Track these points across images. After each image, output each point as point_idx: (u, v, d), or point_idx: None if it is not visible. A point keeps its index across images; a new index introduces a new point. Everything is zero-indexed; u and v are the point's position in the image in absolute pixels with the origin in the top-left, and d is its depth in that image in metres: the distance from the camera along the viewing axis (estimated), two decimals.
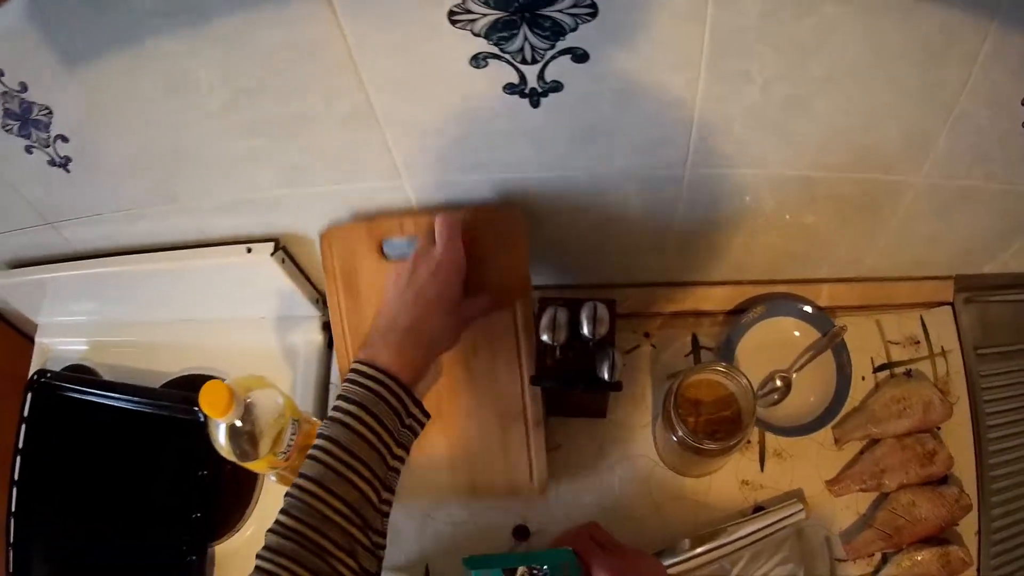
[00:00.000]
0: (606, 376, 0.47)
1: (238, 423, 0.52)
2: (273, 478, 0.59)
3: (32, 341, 0.86)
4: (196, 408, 0.66)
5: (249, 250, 0.58)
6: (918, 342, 0.68)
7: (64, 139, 0.55)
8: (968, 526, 0.69)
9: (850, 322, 0.65)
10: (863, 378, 0.65)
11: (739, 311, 0.63)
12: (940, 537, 0.68)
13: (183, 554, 0.64)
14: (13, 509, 0.82)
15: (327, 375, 0.64)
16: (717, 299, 0.62)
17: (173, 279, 0.64)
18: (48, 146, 0.56)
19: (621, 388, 0.50)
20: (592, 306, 0.48)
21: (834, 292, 0.65)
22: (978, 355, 0.72)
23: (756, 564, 0.62)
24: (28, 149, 0.56)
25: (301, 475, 0.39)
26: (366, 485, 0.39)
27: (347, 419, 0.39)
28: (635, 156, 0.50)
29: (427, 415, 0.44)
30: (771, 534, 0.62)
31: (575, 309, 0.49)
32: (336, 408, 0.40)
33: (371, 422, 0.39)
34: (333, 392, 0.64)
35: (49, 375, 0.78)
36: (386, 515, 0.41)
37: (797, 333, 0.63)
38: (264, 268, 0.58)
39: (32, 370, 0.82)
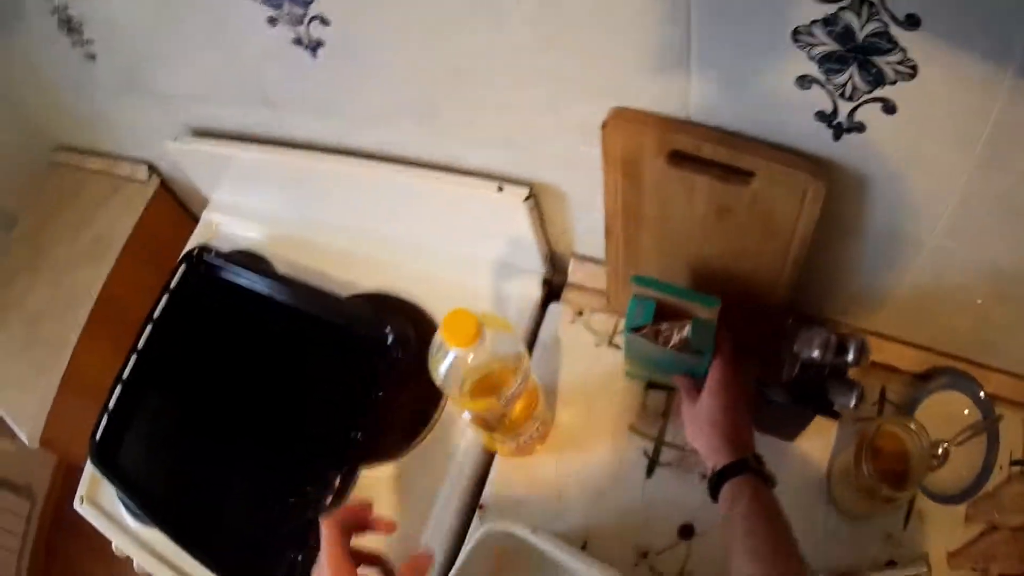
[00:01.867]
0: (844, 404, 0.49)
1: (470, 359, 0.50)
2: (467, 416, 0.57)
3: (195, 220, 0.81)
4: (387, 328, 0.65)
5: (500, 189, 0.57)
6: None
7: (324, 22, 0.53)
8: None
9: (1004, 414, 0.69)
10: (1000, 467, 0.69)
11: (925, 376, 0.67)
12: None
13: (329, 469, 0.62)
14: (124, 376, 0.79)
15: (535, 332, 0.64)
16: (909, 360, 0.66)
17: (396, 193, 0.62)
18: (300, 24, 0.54)
19: (838, 417, 0.52)
20: (861, 340, 0.49)
21: (1000, 383, 0.69)
22: None
23: None
24: (271, 21, 0.53)
25: None
26: None
27: None
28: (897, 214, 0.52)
29: None
30: None
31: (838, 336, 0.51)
32: None
33: None
34: (539, 350, 0.63)
35: (213, 252, 0.75)
36: None
37: (967, 412, 0.67)
38: (509, 211, 0.58)
39: (191, 245, 0.77)
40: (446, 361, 0.50)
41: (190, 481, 0.71)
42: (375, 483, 0.64)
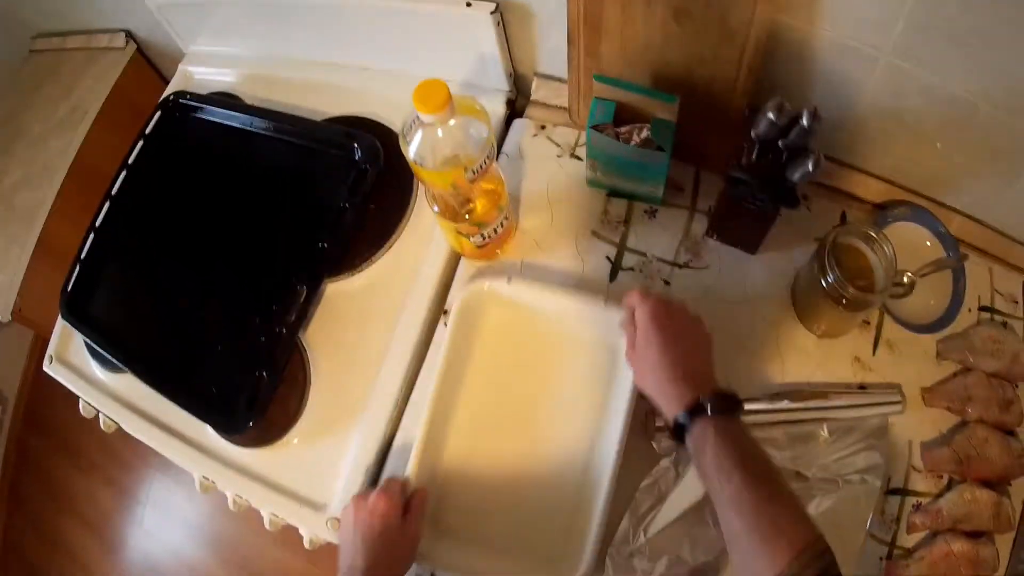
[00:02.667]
0: (804, 173, 0.50)
1: (439, 133, 0.50)
2: (436, 209, 0.57)
3: (166, 82, 0.84)
4: (355, 144, 0.66)
5: (469, 4, 0.59)
6: (1016, 302, 0.73)
7: None
8: (1017, 491, 0.73)
9: (968, 261, 0.70)
10: (969, 310, 0.69)
11: (884, 207, 0.67)
12: (999, 486, 0.73)
13: (294, 281, 0.62)
14: (97, 224, 0.80)
15: (500, 147, 0.64)
16: (871, 190, 0.66)
17: (366, 19, 0.64)
18: None
19: (797, 205, 0.53)
20: (813, 105, 0.51)
21: (963, 226, 0.70)
22: None
23: (846, 439, 0.65)
24: None
25: None
26: None
27: None
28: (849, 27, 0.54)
29: None
30: (866, 417, 0.65)
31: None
32: None
33: None
34: (503, 162, 0.63)
35: (189, 95, 0.77)
36: None
37: (928, 244, 0.67)
38: (476, 26, 0.60)
39: (167, 95, 0.80)
40: (417, 134, 0.51)
41: (161, 319, 0.70)
42: (342, 295, 0.64)
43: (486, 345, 0.60)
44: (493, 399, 0.60)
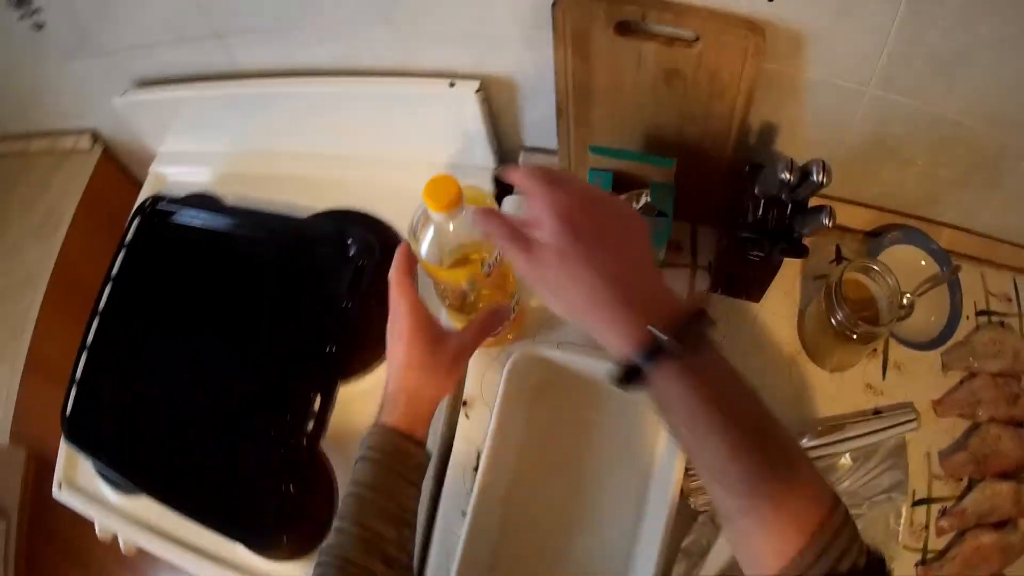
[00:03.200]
0: (818, 225, 0.50)
1: (450, 227, 0.49)
2: (446, 303, 0.56)
3: (141, 185, 0.82)
4: (348, 240, 0.65)
5: (452, 84, 0.59)
6: (1010, 300, 0.76)
7: None
8: None
9: (961, 265, 0.72)
10: (967, 317, 0.71)
11: (875, 234, 0.69)
12: (1016, 475, 0.75)
13: (308, 390, 0.61)
14: (88, 342, 0.77)
15: None
16: (861, 219, 0.68)
17: (343, 106, 0.63)
18: None
19: (807, 254, 0.54)
20: (822, 160, 0.51)
21: (952, 237, 0.72)
22: None
23: (867, 464, 0.67)
24: None
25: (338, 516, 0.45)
26: (384, 521, 0.44)
27: (366, 472, 0.46)
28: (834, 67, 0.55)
29: (424, 448, 0.49)
30: (884, 439, 0.67)
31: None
32: (355, 465, 0.47)
33: (383, 470, 0.46)
34: None
35: (166, 199, 0.74)
36: (407, 548, 0.46)
37: (923, 263, 0.69)
38: (460, 105, 0.59)
39: (141, 199, 0.77)
40: (428, 231, 0.50)
41: (170, 436, 0.68)
42: (355, 398, 0.63)
43: (530, 412, 0.60)
44: (543, 467, 0.60)
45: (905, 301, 0.72)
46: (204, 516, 0.64)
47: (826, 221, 0.50)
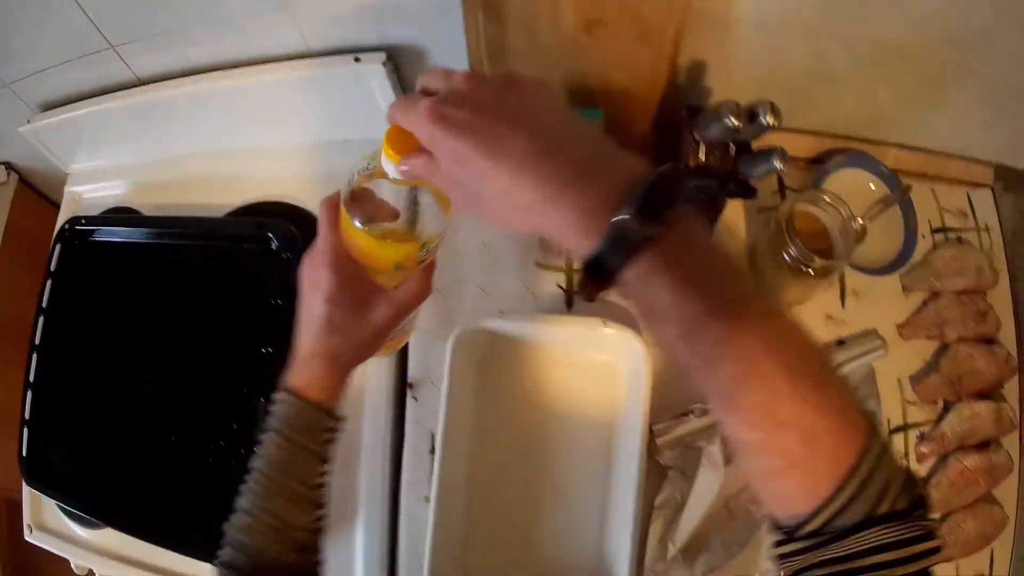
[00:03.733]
0: (770, 169, 0.49)
1: (396, 195, 0.42)
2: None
3: (58, 207, 0.80)
4: (269, 233, 0.63)
5: (358, 59, 0.56)
6: (965, 215, 0.74)
7: None
8: (1012, 392, 0.75)
9: (911, 184, 0.70)
10: (923, 236, 0.70)
11: (819, 160, 0.67)
12: (994, 394, 0.74)
13: (248, 392, 0.59)
14: (31, 379, 0.75)
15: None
16: (802, 146, 0.66)
17: (247, 96, 0.60)
18: None
19: (755, 195, 0.52)
20: (769, 101, 0.49)
21: (899, 157, 0.70)
22: (1014, 237, 0.80)
23: None
24: None
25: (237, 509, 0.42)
26: (294, 506, 0.41)
27: (270, 447, 0.42)
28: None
29: (340, 420, 0.44)
30: (852, 370, 0.65)
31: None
32: (259, 438, 0.43)
33: (290, 443, 0.42)
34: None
35: (84, 220, 0.71)
36: (319, 531, 0.43)
37: (872, 186, 0.68)
38: (368, 80, 0.56)
39: (60, 223, 0.75)
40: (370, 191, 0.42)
41: (122, 462, 0.66)
42: None
43: (484, 386, 0.58)
44: (502, 442, 0.58)
45: (856, 226, 0.71)
46: (167, 540, 0.62)
47: (778, 164, 0.48)
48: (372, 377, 0.60)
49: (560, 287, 0.59)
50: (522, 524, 0.57)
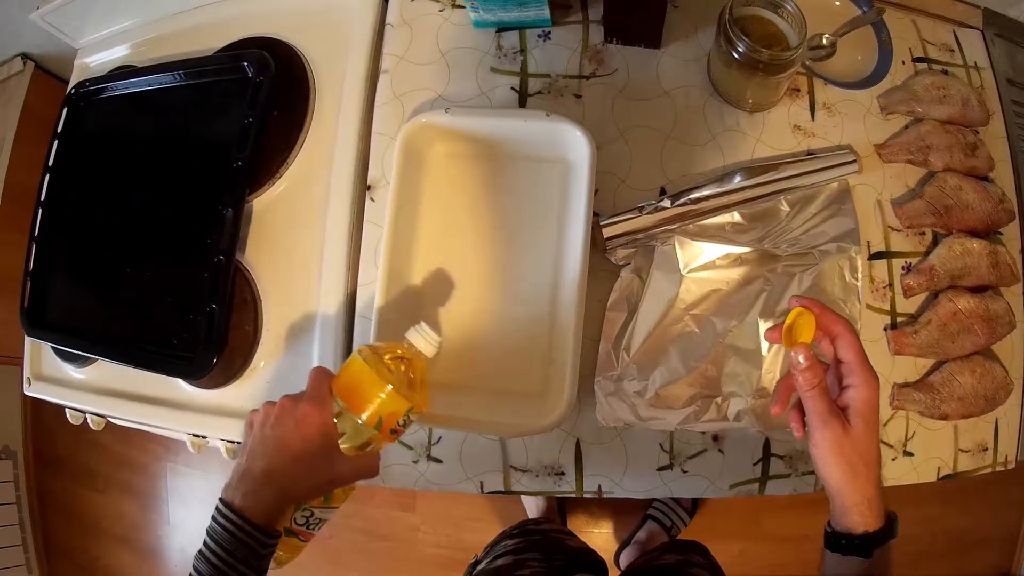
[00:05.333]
0: None
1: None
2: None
3: None
4: (244, 63, 0.66)
5: None
6: (952, 51, 0.71)
7: None
8: (1012, 243, 0.70)
9: (888, 17, 0.67)
10: (903, 63, 0.67)
11: None
12: (989, 235, 0.69)
13: (220, 207, 0.61)
14: (36, 233, 0.80)
15: (383, 20, 0.64)
16: None
17: None
18: None
19: None
20: None
21: None
22: (1010, 84, 0.75)
23: (808, 209, 0.62)
24: None
25: None
26: None
27: (211, 556, 0.45)
28: None
29: (277, 537, 0.47)
30: (823, 183, 0.62)
31: None
32: (204, 543, 0.46)
33: (231, 560, 0.45)
34: (390, 33, 0.63)
35: (88, 82, 0.77)
36: None
37: (838, 3, 0.65)
38: None
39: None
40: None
41: (112, 295, 0.70)
42: (269, 207, 0.64)
43: (434, 184, 0.58)
44: (450, 239, 0.58)
45: (825, 41, 0.69)
46: (145, 360, 0.65)
47: None
48: (334, 182, 0.61)
49: (513, 89, 0.60)
50: (473, 316, 0.57)
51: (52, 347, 0.76)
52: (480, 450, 0.57)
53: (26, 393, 0.82)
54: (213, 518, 0.46)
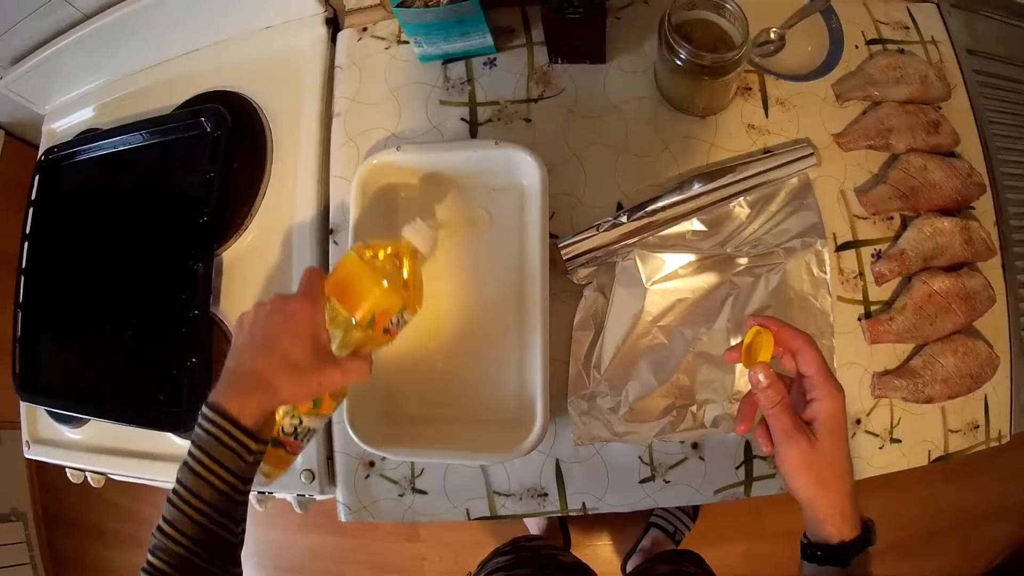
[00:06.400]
0: None
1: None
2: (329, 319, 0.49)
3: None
4: (202, 118, 0.67)
5: None
6: (907, 28, 0.70)
7: None
8: (986, 216, 0.69)
9: (836, 2, 0.66)
10: (856, 47, 0.66)
11: None
12: (961, 212, 0.68)
13: (191, 264, 0.62)
14: (20, 300, 0.82)
15: (332, 64, 0.65)
16: None
17: (176, 7, 0.66)
18: None
19: (604, 8, 0.51)
20: None
21: None
22: (970, 54, 0.74)
23: (769, 207, 0.62)
24: None
25: (162, 518, 0.42)
26: (214, 525, 0.42)
27: (195, 465, 0.43)
28: None
29: (265, 444, 0.45)
30: (782, 179, 0.62)
31: None
32: (188, 453, 0.43)
33: (214, 467, 0.42)
34: (340, 75, 0.63)
35: (56, 148, 0.79)
36: (238, 545, 0.44)
37: None
38: None
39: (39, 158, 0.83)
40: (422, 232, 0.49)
41: (97, 355, 0.72)
42: (239, 258, 0.65)
43: (393, 223, 0.58)
44: None
45: (772, 35, 0.68)
46: (135, 417, 0.67)
47: None
48: (297, 228, 0.63)
49: (463, 119, 0.60)
50: (443, 350, 0.57)
51: (46, 410, 0.78)
52: (463, 479, 0.58)
53: (26, 456, 0.84)
54: (198, 424, 0.43)
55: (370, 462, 0.59)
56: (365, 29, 0.63)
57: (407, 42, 0.61)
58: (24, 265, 0.79)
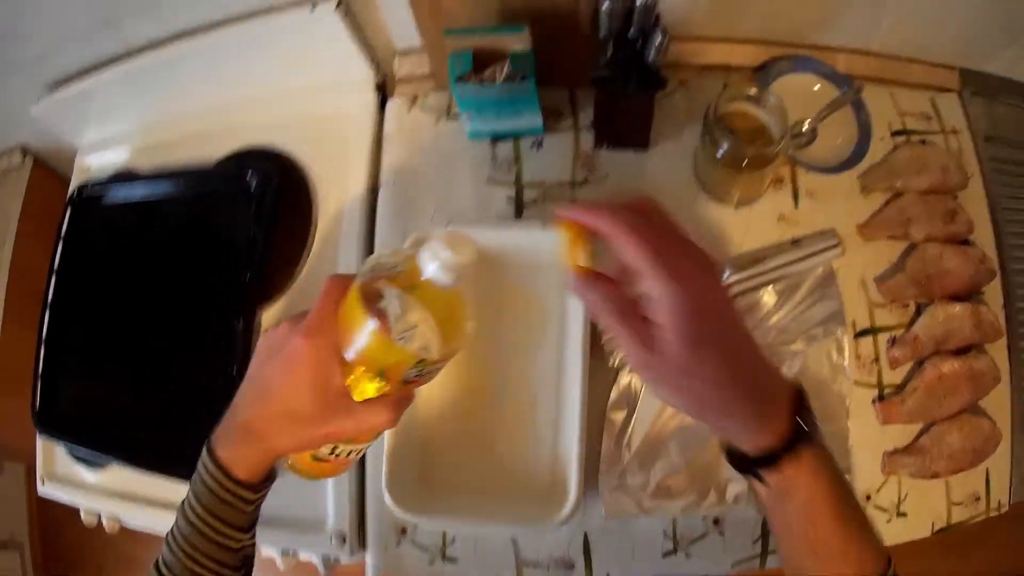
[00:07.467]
0: (659, 47, 0.50)
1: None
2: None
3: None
4: (248, 174, 0.68)
5: (313, 8, 0.60)
6: (930, 118, 0.73)
7: None
8: (994, 299, 0.73)
9: (866, 92, 0.69)
10: (882, 139, 0.69)
11: (763, 67, 0.67)
12: (972, 297, 0.72)
13: (231, 319, 0.63)
14: (44, 335, 0.82)
15: (380, 132, 0.66)
16: (746, 56, 0.67)
17: (225, 54, 0.66)
18: None
19: (665, 84, 0.53)
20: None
21: (850, 61, 0.69)
22: (987, 140, 0.78)
23: (794, 297, 0.64)
24: None
25: (161, 557, 0.41)
26: (205, 571, 0.40)
27: (191, 515, 0.41)
28: None
29: (266, 488, 0.42)
30: (808, 269, 0.65)
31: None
32: (185, 499, 0.42)
33: (211, 520, 0.40)
34: (388, 145, 0.64)
35: (90, 186, 0.79)
36: None
37: (817, 87, 0.67)
38: (325, 26, 0.61)
39: (71, 191, 0.82)
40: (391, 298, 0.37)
41: (126, 400, 0.72)
42: (277, 320, 0.64)
43: None
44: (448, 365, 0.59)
45: (806, 127, 0.71)
46: (163, 466, 0.67)
47: (660, 37, 0.50)
48: None
49: (509, 199, 0.62)
50: (479, 430, 0.59)
51: (66, 450, 0.78)
52: (493, 548, 0.60)
53: (39, 494, 0.83)
54: (197, 470, 0.41)
55: (402, 528, 0.61)
56: (415, 99, 0.64)
57: (456, 117, 0.63)
58: (51, 300, 0.79)
